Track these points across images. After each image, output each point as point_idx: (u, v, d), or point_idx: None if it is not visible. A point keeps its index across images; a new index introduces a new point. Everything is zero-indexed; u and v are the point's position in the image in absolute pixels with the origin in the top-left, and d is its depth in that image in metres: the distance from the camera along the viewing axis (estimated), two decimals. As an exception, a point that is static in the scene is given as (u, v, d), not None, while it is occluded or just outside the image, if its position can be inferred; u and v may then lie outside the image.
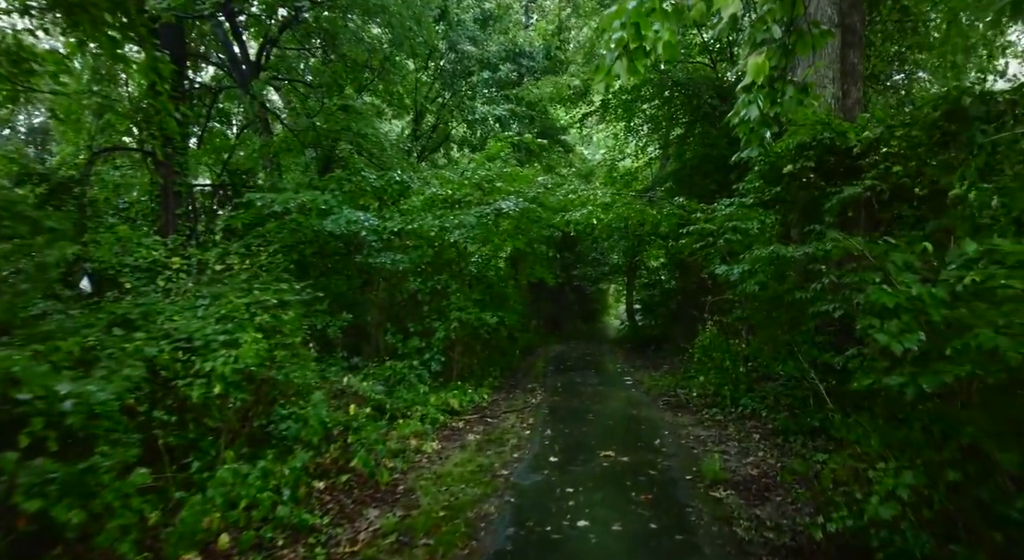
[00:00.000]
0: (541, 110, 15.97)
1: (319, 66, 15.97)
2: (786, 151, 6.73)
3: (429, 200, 9.98)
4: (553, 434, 7.00)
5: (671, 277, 15.98)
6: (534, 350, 16.80)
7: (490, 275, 11.06)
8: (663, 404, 8.67)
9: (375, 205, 10.15)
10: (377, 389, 7.49)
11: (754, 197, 6.69)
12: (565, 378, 11.30)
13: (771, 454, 6.04)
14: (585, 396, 9.39)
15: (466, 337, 9.99)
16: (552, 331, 21.27)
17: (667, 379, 10.44)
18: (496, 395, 9.71)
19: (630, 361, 14.01)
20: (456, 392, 8.95)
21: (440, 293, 9.97)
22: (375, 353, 9.86)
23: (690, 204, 9.19)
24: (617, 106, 15.00)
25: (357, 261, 9.21)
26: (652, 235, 13.63)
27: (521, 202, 9.18)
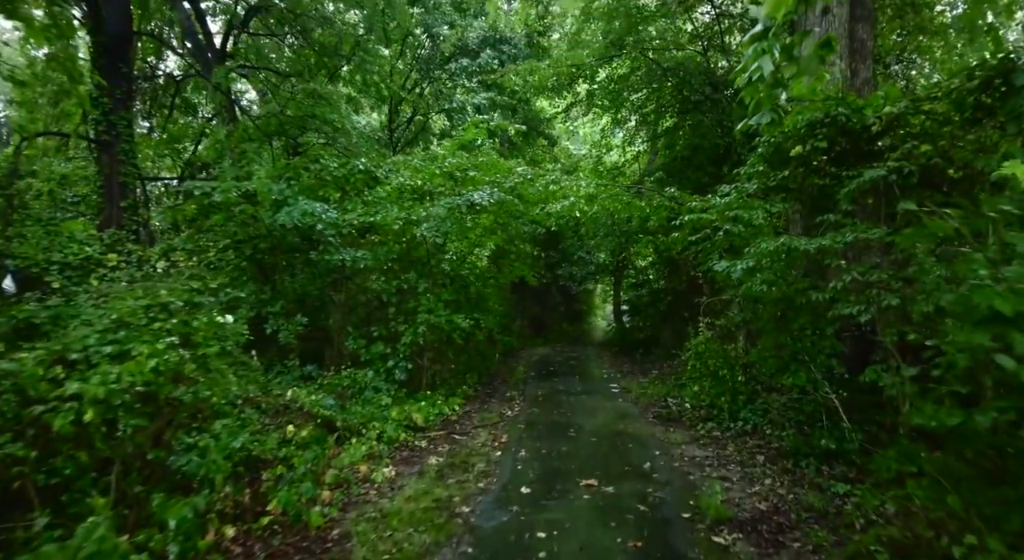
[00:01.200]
0: (524, 100, 15.00)
1: (289, 53, 14.93)
2: (794, 131, 5.81)
3: (397, 191, 8.96)
4: (528, 455, 6.01)
5: (660, 276, 15.07)
6: (516, 353, 15.81)
7: (465, 274, 10.05)
8: (653, 416, 7.71)
9: (336, 196, 9.10)
10: (327, 403, 6.46)
11: (759, 183, 5.74)
12: (547, 385, 10.32)
13: (780, 481, 5.09)
14: (567, 407, 8.41)
15: (437, 342, 8.99)
16: (536, 333, 20.29)
17: (657, 387, 9.49)
18: (469, 405, 8.70)
19: (617, 366, 13.06)
20: (423, 403, 7.95)
21: (407, 294, 8.96)
22: (337, 360, 8.83)
23: (682, 195, 8.26)
24: (604, 96, 14.10)
25: (311, 258, 8.15)
26: (640, 232, 12.71)
27: (497, 193, 8.19)
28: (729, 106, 11.49)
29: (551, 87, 13.98)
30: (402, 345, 8.28)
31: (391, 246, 8.83)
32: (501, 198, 8.24)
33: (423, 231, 7.97)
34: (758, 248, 4.96)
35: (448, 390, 9.12)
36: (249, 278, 8.98)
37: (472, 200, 8.02)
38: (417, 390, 8.69)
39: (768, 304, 5.60)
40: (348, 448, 6.02)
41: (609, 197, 8.89)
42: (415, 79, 15.53)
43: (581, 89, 14.73)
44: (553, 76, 12.44)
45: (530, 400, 9.03)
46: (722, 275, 5.63)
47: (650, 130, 13.98)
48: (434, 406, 7.98)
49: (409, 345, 8.29)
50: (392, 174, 9.12)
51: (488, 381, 10.90)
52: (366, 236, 9.83)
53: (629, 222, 13.06)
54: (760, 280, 4.91)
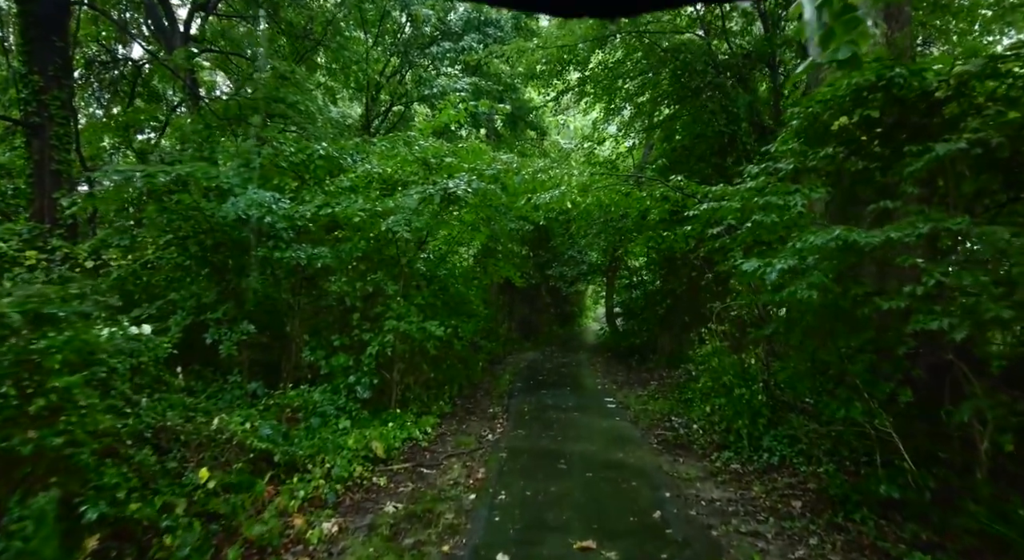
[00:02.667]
0: (511, 88, 13.79)
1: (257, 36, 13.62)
2: (836, 99, 4.64)
3: (364, 180, 7.70)
4: (508, 499, 4.78)
5: (656, 277, 13.90)
6: (504, 359, 14.59)
7: (444, 275, 8.80)
8: (658, 441, 6.51)
9: (293, 186, 7.82)
10: (263, 433, 5.18)
11: (795, 162, 4.54)
12: (535, 399, 9.10)
13: (830, 542, 3.91)
14: (557, 427, 7.19)
15: (408, 352, 7.74)
16: (526, 336, 19.08)
17: (659, 402, 8.30)
18: (445, 425, 7.47)
19: (611, 373, 11.87)
20: (390, 425, 6.71)
21: (376, 297, 7.71)
22: (296, 374, 7.57)
23: (690, 184, 7.07)
24: (596, 85, 12.89)
25: (257, 255, 6.87)
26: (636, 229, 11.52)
27: (476, 181, 6.95)
28: (735, 91, 10.34)
29: (540, 73, 12.76)
30: (367, 357, 7.02)
31: (356, 242, 7.56)
32: (481, 187, 7.01)
33: (389, 225, 6.71)
34: (804, 242, 3.75)
35: (421, 407, 7.87)
36: (193, 279, 7.70)
37: (447, 189, 6.78)
38: (385, 408, 7.44)
39: (807, 314, 4.40)
40: (285, 491, 4.78)
41: (604, 187, 7.68)
42: (395, 66, 14.27)
43: (572, 77, 13.53)
44: (542, 59, 11.22)
45: (515, 418, 7.80)
46: (752, 277, 4.42)
47: (645, 121, 12.78)
48: (402, 428, 6.73)
49: (375, 357, 7.04)
50: (358, 161, 7.86)
51: (470, 394, 9.66)
52: (333, 232, 8.58)
53: (624, 218, 11.87)
54: (806, 283, 3.71)
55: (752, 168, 4.73)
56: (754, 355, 7.09)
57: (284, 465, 5.17)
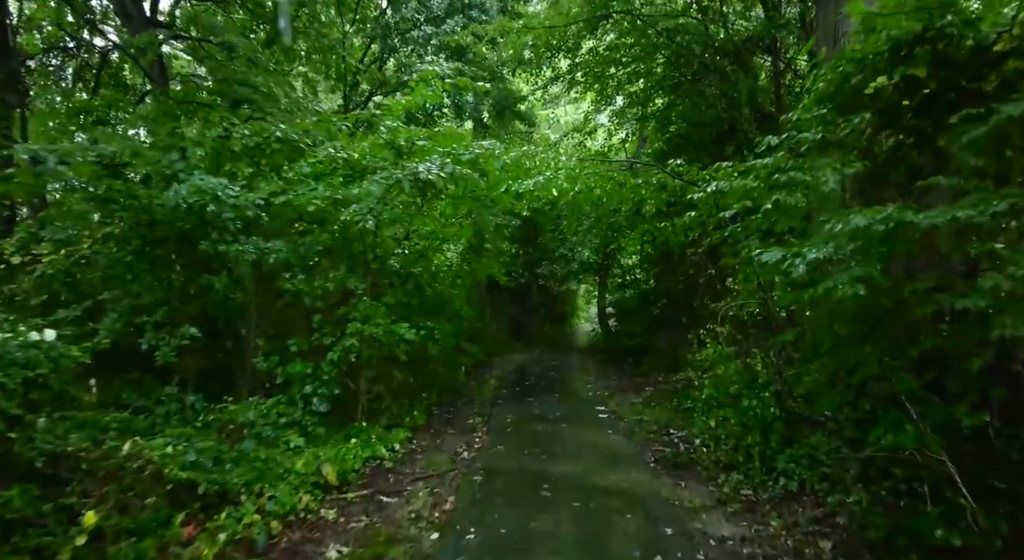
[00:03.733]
0: (498, 76, 12.92)
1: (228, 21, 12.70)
2: (872, 57, 3.81)
3: (328, 165, 6.82)
4: (479, 540, 3.92)
5: (650, 276, 13.07)
6: (491, 361, 13.72)
7: (419, 272, 7.92)
8: (655, 459, 5.67)
9: (246, 172, 6.92)
10: (187, 458, 4.29)
11: (824, 131, 3.70)
12: (520, 407, 8.24)
13: (875, 602, 3.07)
14: (543, 442, 6.34)
15: (376, 358, 6.86)
16: (515, 337, 18.20)
17: (655, 411, 7.47)
18: (418, 439, 6.60)
19: (604, 378, 11.03)
20: (353, 442, 5.85)
21: (342, 297, 6.84)
22: (251, 383, 6.69)
23: (690, 169, 6.24)
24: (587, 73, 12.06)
25: (201, 249, 5.97)
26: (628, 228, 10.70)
27: (450, 165, 6.08)
28: (735, 74, 9.53)
29: (527, 60, 11.91)
30: (326, 364, 6.15)
31: (317, 236, 6.69)
32: (457, 172, 6.14)
33: (349, 215, 5.84)
34: (845, 224, 2.91)
35: (392, 419, 7.00)
36: (135, 277, 6.78)
37: (417, 173, 5.91)
38: (350, 421, 6.57)
39: (843, 315, 3.56)
40: (206, 531, 3.90)
41: (594, 174, 6.84)
42: (375, 53, 13.38)
43: (562, 64, 12.69)
44: (529, 41, 10.35)
45: (496, 431, 6.94)
46: (773, 271, 3.59)
47: (639, 110, 11.96)
48: (366, 446, 5.86)
49: (336, 364, 6.17)
50: (321, 145, 6.98)
51: (450, 402, 8.78)
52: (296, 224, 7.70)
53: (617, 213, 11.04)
54: (850, 278, 2.87)
55: (770, 139, 3.89)
56: (761, 360, 6.27)
57: (213, 496, 4.30)
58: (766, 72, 11.89)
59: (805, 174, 3.55)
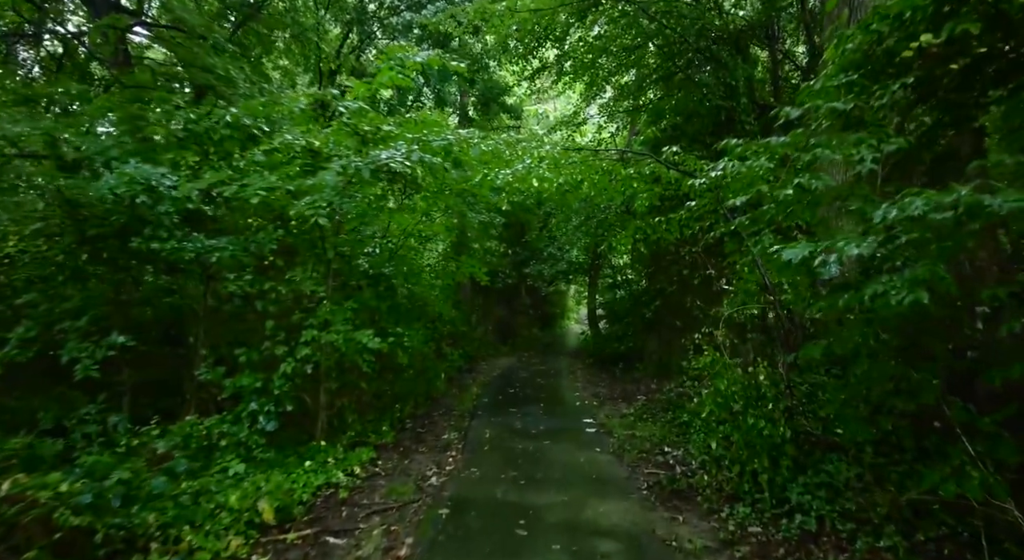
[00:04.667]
0: (483, 66, 12.17)
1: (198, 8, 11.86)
2: (910, 11, 3.11)
3: (285, 153, 6.05)
4: (436, 600, 3.17)
5: (642, 276, 12.38)
6: (477, 365, 12.99)
7: (390, 273, 7.16)
8: (649, 485, 4.95)
9: (193, 160, 6.13)
10: (84, 500, 3.52)
11: (855, 101, 3.00)
12: (501, 420, 7.51)
13: None
14: (523, 463, 5.61)
15: (337, 369, 6.11)
16: (503, 339, 17.46)
17: (648, 425, 6.76)
18: (384, 460, 5.85)
19: (593, 384, 10.32)
20: (307, 465, 5.12)
21: (300, 300, 6.08)
22: (199, 398, 5.92)
23: (687, 158, 5.54)
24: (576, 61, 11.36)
25: (132, 247, 5.19)
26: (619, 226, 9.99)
27: (417, 153, 5.33)
28: (732, 61, 8.85)
29: (513, 49, 11.18)
30: (278, 376, 5.38)
31: (270, 233, 5.91)
32: (427, 161, 5.39)
33: (301, 209, 5.09)
34: (900, 210, 2.20)
35: (356, 436, 6.25)
36: (67, 279, 5.98)
37: (380, 161, 5.15)
38: (309, 440, 5.82)
39: (878, 325, 2.85)
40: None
41: (582, 165, 6.11)
42: (353, 43, 12.59)
43: (549, 54, 11.97)
44: (514, 27, 9.61)
45: (473, 448, 6.20)
46: (795, 271, 2.88)
47: (630, 101, 11.26)
48: (321, 470, 5.11)
49: (289, 376, 5.40)
50: (279, 131, 6.21)
51: (426, 413, 8.03)
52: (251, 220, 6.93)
53: (607, 209, 10.34)
54: (908, 281, 2.16)
55: (789, 110, 3.17)
56: (765, 370, 5.57)
57: (119, 543, 3.53)
58: (763, 64, 11.26)
59: (834, 152, 2.84)
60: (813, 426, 4.71)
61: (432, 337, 10.32)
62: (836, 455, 4.46)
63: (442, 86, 11.10)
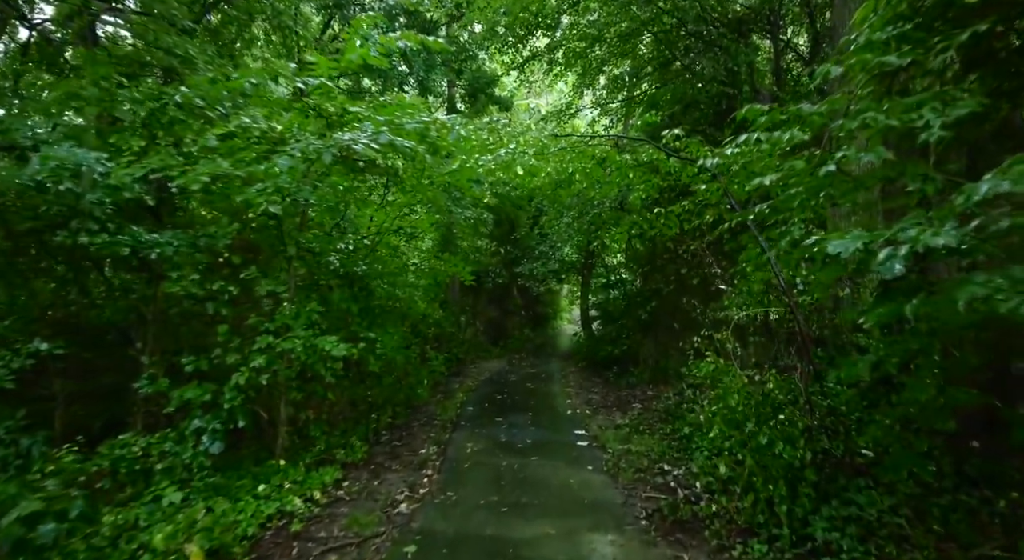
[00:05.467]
0: (470, 56, 11.52)
1: None
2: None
3: (243, 137, 5.35)
4: None
5: (636, 276, 11.76)
6: (465, 369, 12.34)
7: (362, 272, 6.49)
8: (648, 513, 4.31)
9: (138, 146, 5.43)
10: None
11: (912, 55, 2.36)
12: (486, 432, 6.86)
13: None
14: (506, 485, 4.96)
15: (301, 379, 5.44)
16: (494, 341, 16.81)
17: (645, 439, 6.13)
18: (349, 480, 5.18)
19: (585, 390, 9.69)
20: (262, 489, 4.45)
21: (251, 303, 5.41)
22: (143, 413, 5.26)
23: (691, 143, 4.92)
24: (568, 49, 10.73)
25: (56, 242, 4.51)
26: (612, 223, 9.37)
27: (387, 135, 4.67)
28: (735, 46, 8.24)
29: (501, 35, 10.52)
30: (229, 388, 4.71)
31: (223, 226, 5.23)
32: (397, 144, 4.74)
33: (250, 197, 4.42)
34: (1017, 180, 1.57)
35: (322, 453, 5.58)
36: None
37: (342, 142, 4.49)
38: (267, 459, 5.16)
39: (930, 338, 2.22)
40: None
41: (572, 152, 5.47)
42: (334, 33, 11.88)
43: (540, 43, 11.35)
44: (502, 9, 8.96)
45: (452, 466, 5.55)
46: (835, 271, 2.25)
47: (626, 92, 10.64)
48: (275, 496, 4.45)
49: (243, 388, 4.73)
50: (233, 113, 5.52)
51: (405, 423, 7.38)
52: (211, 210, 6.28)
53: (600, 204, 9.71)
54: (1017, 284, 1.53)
55: (830, 67, 2.52)
56: (775, 379, 4.95)
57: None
58: (764, 54, 10.68)
59: (890, 117, 2.21)
60: (834, 446, 4.10)
61: (416, 340, 9.67)
62: (864, 481, 3.86)
63: (427, 75, 10.42)
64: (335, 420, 6.50)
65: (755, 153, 2.91)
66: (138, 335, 5.59)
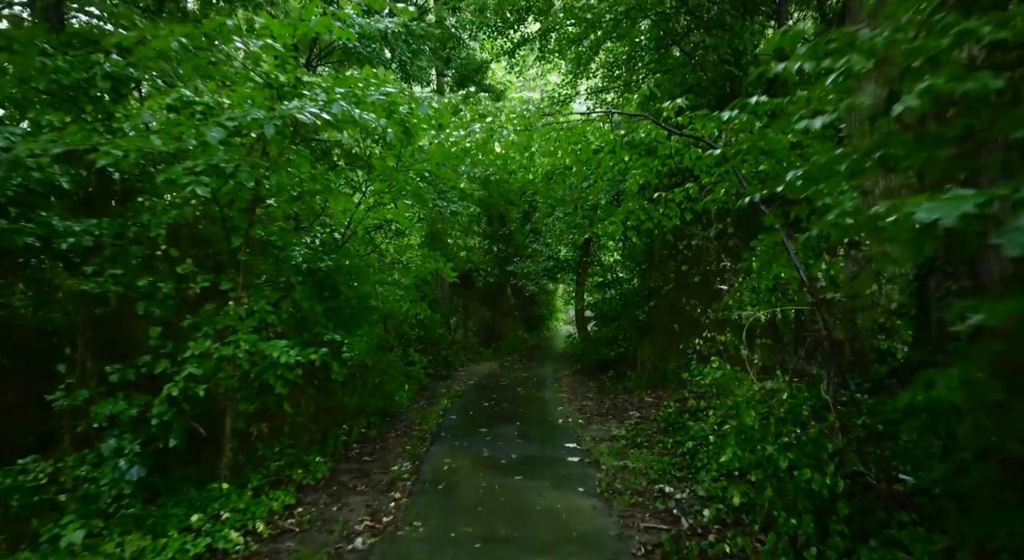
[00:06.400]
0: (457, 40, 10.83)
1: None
2: None
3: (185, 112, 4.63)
4: None
5: (634, 274, 11.06)
6: (453, 372, 11.64)
7: (325, 268, 5.76)
8: (645, 552, 3.60)
9: (59, 121, 4.70)
10: None
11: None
12: (468, 445, 6.16)
13: None
14: (483, 513, 4.26)
15: (251, 388, 4.71)
16: (486, 342, 16.11)
17: (644, 454, 5.42)
18: (304, 507, 4.46)
19: (579, 396, 8.98)
20: (195, 519, 3.73)
21: (194, 302, 4.68)
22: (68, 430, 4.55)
23: (696, 119, 4.23)
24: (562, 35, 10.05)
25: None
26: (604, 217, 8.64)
27: (340, 104, 3.97)
28: (739, 23, 7.56)
29: (489, 19, 9.84)
30: (159, 402, 3.99)
31: (161, 213, 4.51)
32: (356, 116, 4.04)
33: (174, 173, 3.70)
34: None
35: (277, 473, 4.86)
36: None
37: (287, 111, 3.78)
38: (212, 479, 4.44)
39: None
40: None
41: (562, 131, 4.76)
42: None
43: (531, 28, 10.66)
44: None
45: (424, 489, 4.83)
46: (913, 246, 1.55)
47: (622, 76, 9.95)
48: (208, 529, 3.73)
49: (177, 400, 4.01)
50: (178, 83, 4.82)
51: (381, 434, 6.67)
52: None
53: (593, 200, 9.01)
54: None
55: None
56: (788, 386, 4.25)
57: None
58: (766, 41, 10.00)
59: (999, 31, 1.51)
60: (869, 471, 3.40)
61: (397, 343, 8.96)
62: (907, 515, 3.16)
63: (412, 61, 9.71)
64: (299, 433, 5.78)
65: (792, 102, 2.21)
66: (67, 340, 4.87)
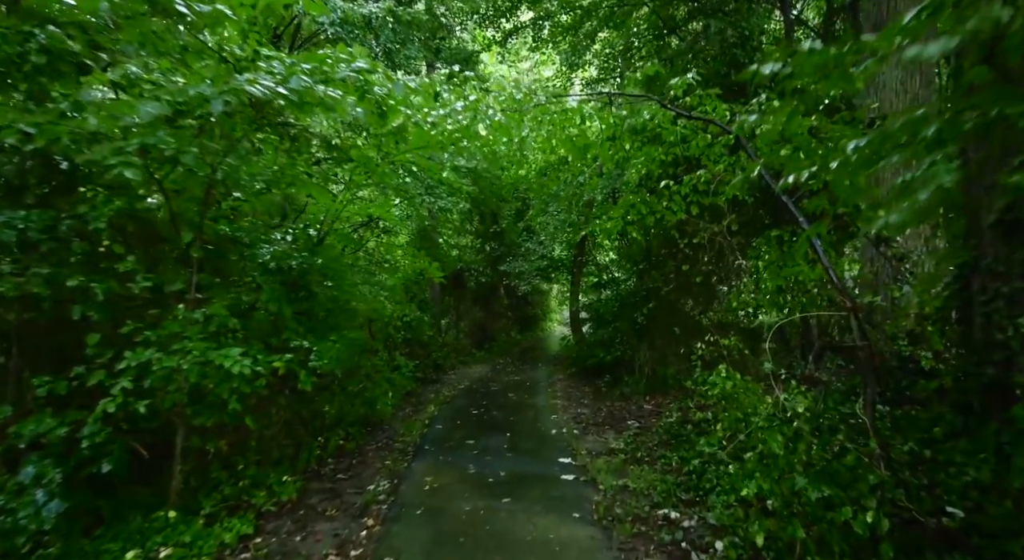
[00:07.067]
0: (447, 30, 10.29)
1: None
2: None
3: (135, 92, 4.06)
4: None
5: (631, 274, 10.55)
6: (443, 376, 11.10)
7: (296, 267, 5.20)
8: (653, 595, 3.08)
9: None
10: None
11: None
12: (452, 460, 5.62)
13: None
14: (465, 544, 3.73)
15: (200, 404, 4.15)
16: (478, 344, 15.57)
17: (644, 471, 4.89)
18: (263, 539, 3.91)
19: (574, 402, 8.46)
20: (129, 557, 3.16)
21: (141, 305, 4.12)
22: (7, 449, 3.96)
23: (706, 99, 3.71)
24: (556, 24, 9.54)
25: None
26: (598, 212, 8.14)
27: (300, 79, 3.42)
28: (746, 8, 7.06)
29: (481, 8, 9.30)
30: (92, 420, 3.43)
31: (101, 205, 3.95)
32: (320, 92, 3.50)
33: (106, 155, 3.16)
34: None
35: (233, 497, 4.30)
36: None
37: (237, 84, 3.24)
38: (162, 504, 3.89)
39: None
40: None
41: (554, 113, 4.23)
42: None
43: (524, 16, 10.14)
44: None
45: (400, 514, 4.29)
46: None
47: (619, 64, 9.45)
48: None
49: (113, 417, 3.46)
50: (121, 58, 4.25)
51: (360, 447, 6.12)
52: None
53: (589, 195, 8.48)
54: None
55: None
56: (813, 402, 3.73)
57: None
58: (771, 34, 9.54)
59: None
60: (913, 504, 2.89)
61: (382, 346, 8.40)
62: (962, 558, 2.65)
63: (399, 49, 9.17)
64: (267, 448, 5.23)
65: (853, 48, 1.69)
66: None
